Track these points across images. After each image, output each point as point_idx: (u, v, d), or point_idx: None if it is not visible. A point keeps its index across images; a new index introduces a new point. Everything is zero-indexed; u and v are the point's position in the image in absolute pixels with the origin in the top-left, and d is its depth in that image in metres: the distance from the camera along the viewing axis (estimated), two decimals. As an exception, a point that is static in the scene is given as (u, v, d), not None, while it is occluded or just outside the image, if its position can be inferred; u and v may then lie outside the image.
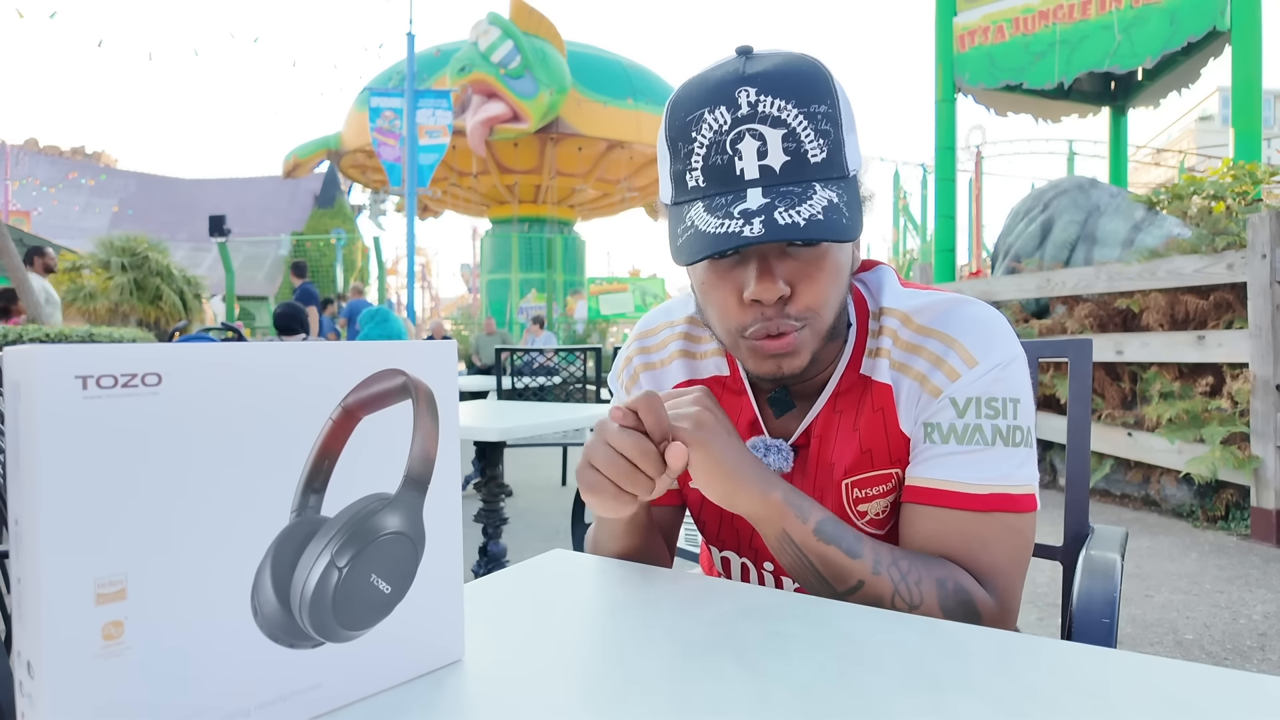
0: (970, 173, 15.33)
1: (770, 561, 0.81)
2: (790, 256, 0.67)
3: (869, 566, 0.65)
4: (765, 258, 0.66)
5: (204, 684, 0.38)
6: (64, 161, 25.67)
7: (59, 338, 5.44)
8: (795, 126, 0.64)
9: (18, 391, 0.34)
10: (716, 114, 0.65)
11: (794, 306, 0.68)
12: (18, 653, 0.36)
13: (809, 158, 0.64)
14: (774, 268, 0.66)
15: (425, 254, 28.84)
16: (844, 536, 0.66)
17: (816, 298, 0.68)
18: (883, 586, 0.65)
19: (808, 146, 0.64)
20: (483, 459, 2.36)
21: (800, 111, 0.64)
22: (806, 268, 0.67)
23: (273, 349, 0.41)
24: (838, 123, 0.66)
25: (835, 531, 0.66)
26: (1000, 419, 0.69)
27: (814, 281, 0.67)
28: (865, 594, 0.65)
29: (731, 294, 0.69)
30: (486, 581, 0.66)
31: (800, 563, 0.67)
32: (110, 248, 11.69)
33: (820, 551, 0.66)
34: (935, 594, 0.65)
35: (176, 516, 0.37)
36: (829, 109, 0.65)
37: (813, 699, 0.44)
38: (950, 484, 0.69)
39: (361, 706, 0.44)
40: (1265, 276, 3.29)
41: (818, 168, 0.64)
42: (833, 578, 0.66)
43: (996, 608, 0.67)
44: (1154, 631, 2.34)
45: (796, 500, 0.67)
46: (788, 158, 0.64)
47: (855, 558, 0.65)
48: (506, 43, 15.70)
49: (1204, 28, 5.78)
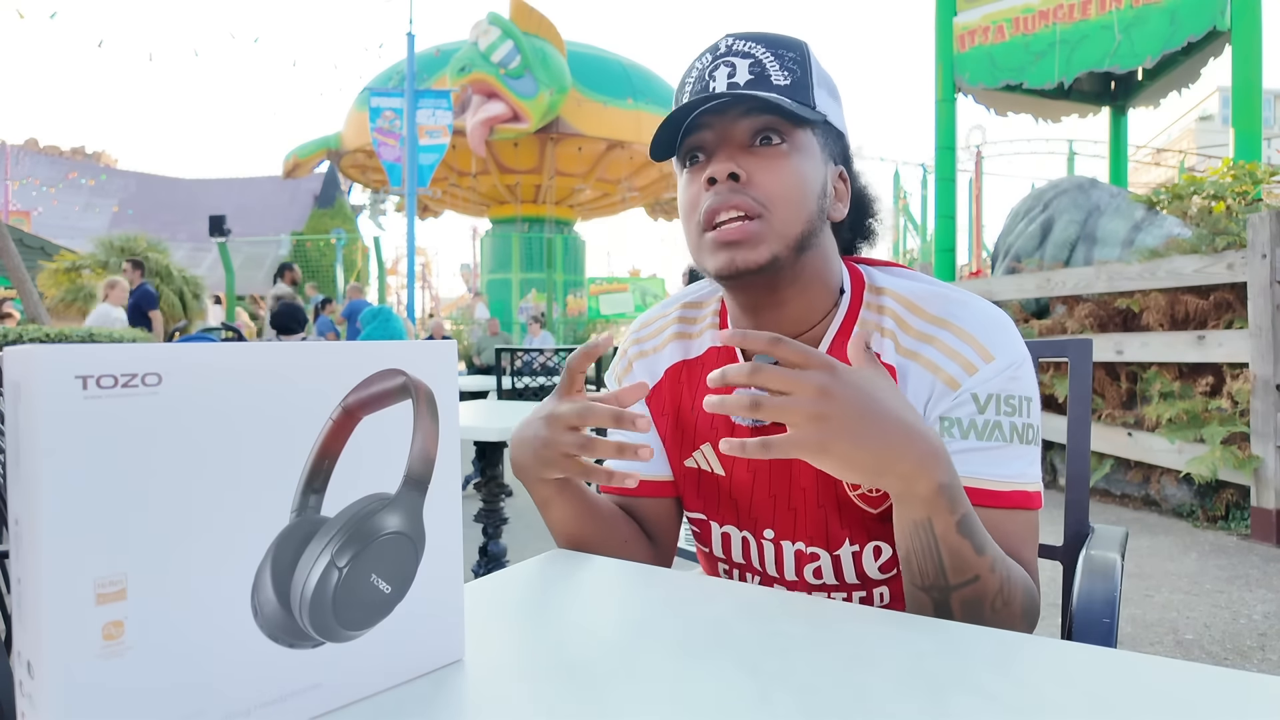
0: (970, 173, 15.33)
1: (771, 528, 0.82)
2: (752, 154, 0.73)
3: (989, 563, 0.63)
4: (728, 150, 0.73)
5: (204, 684, 0.38)
6: (64, 161, 25.67)
7: (59, 338, 5.44)
8: (762, 59, 0.74)
9: (18, 391, 0.34)
10: (702, 59, 0.76)
11: (751, 190, 0.72)
12: (18, 653, 0.36)
13: (771, 80, 0.73)
14: (735, 156, 0.73)
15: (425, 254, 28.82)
16: (977, 530, 0.63)
17: (772, 187, 0.72)
18: (993, 584, 0.63)
19: (771, 71, 0.73)
20: (483, 459, 2.36)
21: (769, 51, 0.74)
22: (764, 161, 0.73)
23: (273, 349, 0.41)
24: (807, 69, 0.75)
25: (973, 525, 0.62)
26: (1016, 416, 0.71)
27: (770, 172, 0.72)
28: (975, 590, 0.63)
29: (696, 188, 0.75)
30: (486, 581, 0.66)
31: (929, 550, 0.62)
32: (110, 248, 11.68)
33: (954, 544, 0.61)
34: (1022, 598, 0.65)
35: (177, 516, 0.37)
36: (797, 56, 0.75)
37: (813, 699, 0.44)
38: (975, 480, 0.70)
39: (361, 706, 0.44)
40: (1265, 276, 3.29)
41: (780, 88, 0.73)
42: (954, 570, 0.62)
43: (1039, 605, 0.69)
44: (1154, 631, 2.34)
45: (955, 487, 0.61)
46: (751, 77, 0.73)
47: (982, 554, 0.62)
48: (506, 43, 15.69)
49: (1204, 27, 5.78)
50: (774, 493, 0.81)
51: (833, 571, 0.80)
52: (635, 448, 0.67)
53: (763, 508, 0.82)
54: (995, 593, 0.63)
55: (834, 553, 0.79)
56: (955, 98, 7.41)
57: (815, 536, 0.80)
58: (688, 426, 0.85)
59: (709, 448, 0.84)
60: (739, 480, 0.82)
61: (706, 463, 0.84)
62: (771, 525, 0.82)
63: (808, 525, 0.80)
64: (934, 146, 7.55)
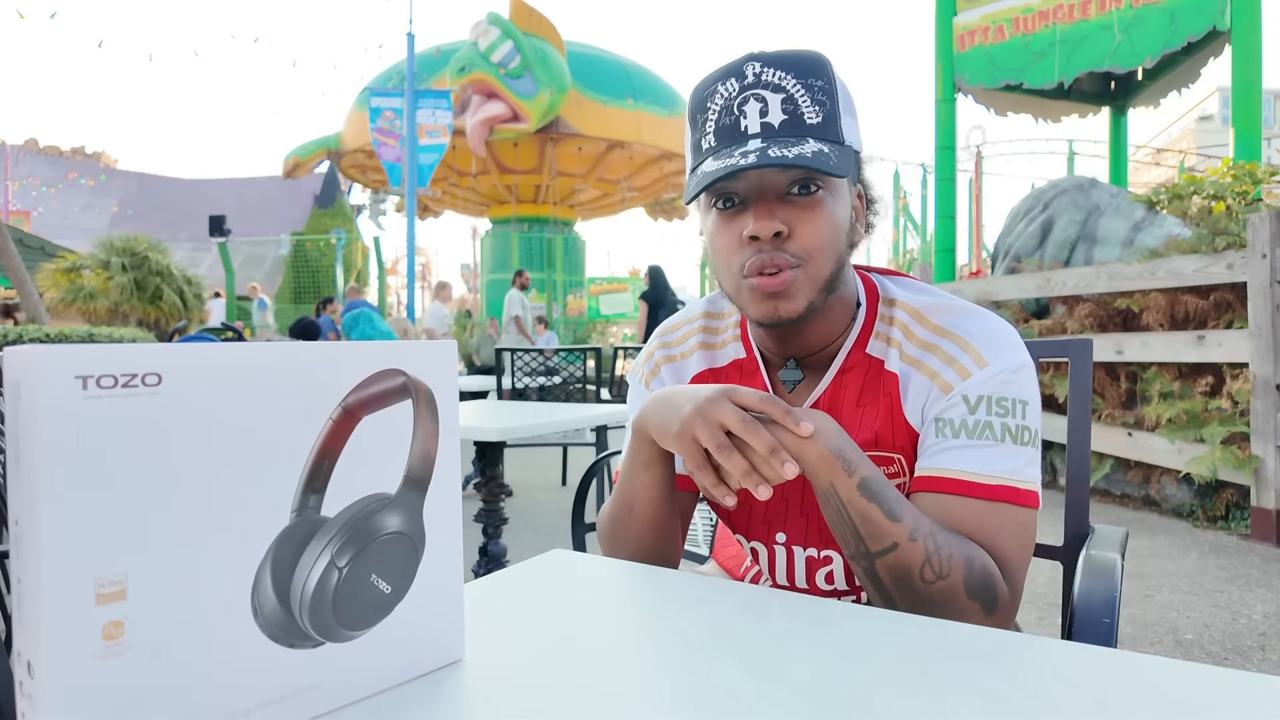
0: (970, 173, 15.32)
1: (783, 533, 0.85)
2: (788, 203, 0.74)
3: (906, 531, 0.66)
4: (765, 201, 0.73)
5: (204, 684, 0.38)
6: (64, 161, 25.66)
7: (59, 338, 5.44)
8: (794, 93, 0.73)
9: (18, 391, 0.34)
10: (727, 84, 0.75)
11: (791, 244, 0.73)
12: (18, 653, 0.36)
13: (805, 119, 0.73)
14: (774, 210, 0.73)
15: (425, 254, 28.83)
16: (886, 497, 0.67)
17: (812, 239, 0.73)
18: (915, 553, 0.66)
19: (804, 110, 0.73)
20: (483, 459, 2.36)
21: (799, 82, 0.73)
22: (802, 213, 0.73)
23: (273, 349, 0.41)
24: (834, 99, 0.74)
25: (879, 490, 0.67)
26: (1010, 418, 0.72)
27: (809, 225, 0.73)
28: (897, 558, 0.66)
29: (734, 237, 0.75)
30: (486, 581, 0.66)
31: (841, 516, 0.68)
32: (110, 248, 11.67)
33: (862, 508, 0.66)
34: (962, 570, 0.66)
35: (177, 516, 0.37)
36: (826, 85, 0.74)
37: (813, 699, 0.44)
38: (960, 473, 0.71)
39: (361, 706, 0.44)
40: (1265, 276, 3.29)
41: (813, 128, 0.73)
42: (869, 536, 0.67)
43: (1009, 598, 0.69)
44: (1154, 631, 2.34)
45: (846, 452, 0.67)
46: (785, 116, 0.73)
47: (894, 520, 0.66)
48: (506, 43, 15.68)
49: (1204, 27, 5.78)
50: (787, 498, 0.83)
51: (844, 575, 0.83)
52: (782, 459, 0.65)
53: (776, 513, 0.84)
54: (922, 563, 0.65)
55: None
56: (955, 98, 7.40)
57: (827, 540, 0.82)
58: None
59: None
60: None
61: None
62: (784, 529, 0.84)
63: (820, 530, 0.82)
64: (934, 146, 7.54)
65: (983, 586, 0.67)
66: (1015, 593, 0.70)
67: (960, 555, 0.67)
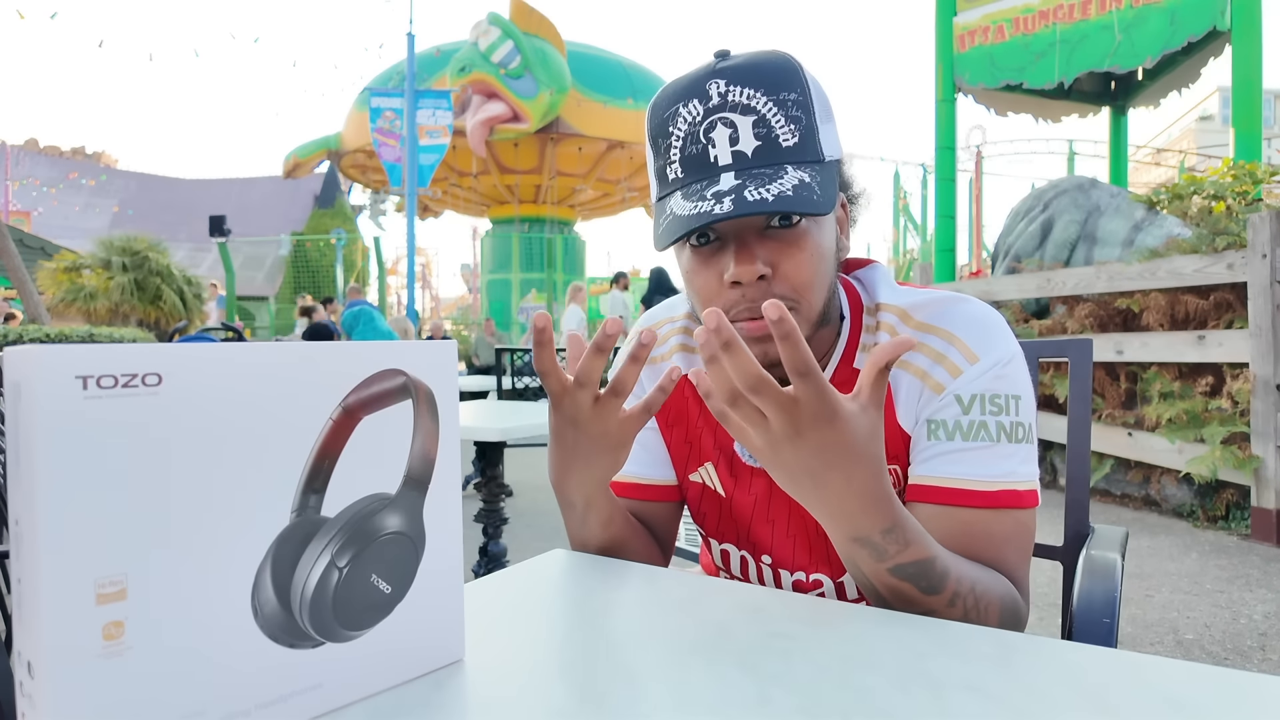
0: (970, 173, 15.32)
1: (769, 555, 0.81)
2: (769, 238, 0.68)
3: (946, 600, 0.61)
4: (744, 240, 0.67)
5: (204, 684, 0.38)
6: (64, 162, 25.67)
7: (59, 338, 5.44)
8: (765, 113, 0.66)
9: (18, 391, 0.34)
10: (690, 107, 0.67)
11: (778, 286, 0.68)
12: (18, 653, 0.36)
13: (780, 142, 0.66)
14: (753, 249, 0.67)
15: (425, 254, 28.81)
16: (928, 575, 0.60)
17: (800, 276, 0.68)
18: (953, 615, 0.62)
19: (779, 131, 0.66)
20: (483, 459, 2.36)
21: (770, 99, 0.66)
22: (786, 248, 0.68)
23: (273, 349, 0.41)
24: (809, 110, 0.67)
25: (918, 572, 0.60)
26: (1004, 415, 0.70)
27: (794, 261, 0.68)
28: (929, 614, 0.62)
29: (713, 279, 0.69)
30: (486, 581, 0.66)
31: (865, 584, 0.63)
32: (110, 248, 11.68)
33: (892, 585, 0.61)
34: (998, 614, 0.64)
35: (177, 516, 0.37)
36: (799, 97, 0.67)
37: (813, 699, 0.44)
38: (961, 481, 0.68)
39: (361, 706, 0.44)
40: (1265, 276, 3.29)
41: (789, 151, 0.66)
42: (899, 605, 0.62)
43: (1027, 610, 0.68)
44: (1154, 631, 2.34)
45: (870, 542, 0.59)
46: (759, 142, 0.66)
47: (932, 594, 0.61)
48: (506, 43, 15.69)
49: (1204, 27, 5.78)
50: (772, 519, 0.80)
51: (836, 597, 0.80)
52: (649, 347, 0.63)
53: (761, 533, 0.81)
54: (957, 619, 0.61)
55: (837, 580, 0.79)
56: (955, 98, 7.41)
57: (818, 563, 0.79)
58: (694, 441, 0.84)
59: (711, 467, 0.83)
60: (739, 503, 0.82)
61: (710, 480, 0.84)
62: (769, 552, 0.81)
63: (809, 552, 0.79)
64: (934, 146, 7.54)
65: (1013, 618, 0.65)
66: (1028, 600, 0.69)
67: (995, 598, 0.64)
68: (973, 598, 0.63)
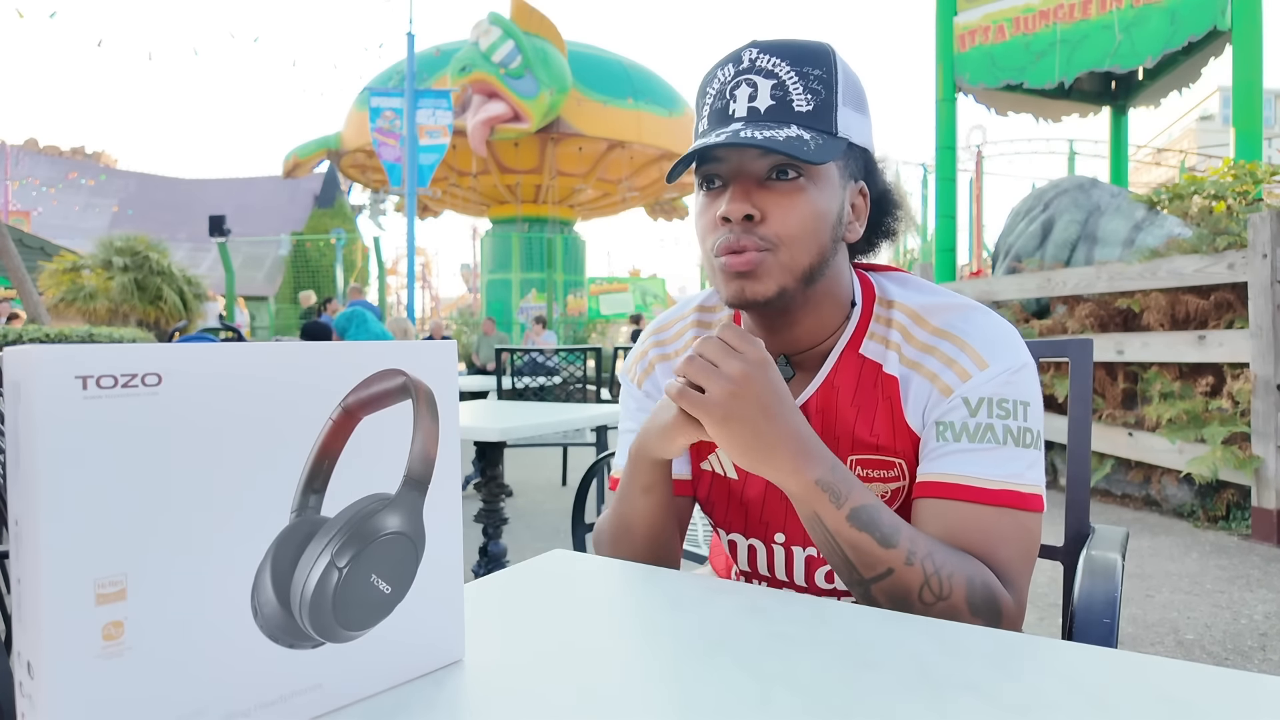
0: (971, 172, 15.32)
1: (782, 532, 0.84)
2: (766, 188, 0.73)
3: (903, 556, 0.65)
4: (743, 184, 0.73)
5: (204, 684, 0.38)
6: (64, 161, 25.66)
7: (59, 338, 5.45)
8: (785, 79, 0.72)
9: (18, 392, 0.34)
10: (724, 70, 0.75)
11: (762, 228, 0.72)
12: (18, 653, 0.36)
13: (793, 105, 0.72)
14: (749, 192, 0.72)
15: (425, 254, 28.85)
16: (880, 524, 0.65)
17: (784, 225, 0.72)
18: (913, 577, 0.64)
19: (794, 96, 0.72)
20: (483, 459, 2.36)
21: (794, 69, 0.72)
22: (779, 197, 0.73)
23: (273, 349, 0.41)
24: (832, 89, 0.73)
25: (871, 519, 0.65)
26: (1011, 420, 0.71)
27: (783, 209, 0.72)
28: (893, 582, 0.65)
29: (711, 217, 0.75)
30: (486, 581, 0.66)
31: (830, 545, 0.67)
32: (110, 248, 11.66)
33: (852, 538, 0.65)
34: (964, 590, 0.65)
35: (177, 516, 0.37)
36: (824, 74, 0.73)
37: (813, 699, 0.44)
38: (962, 478, 0.70)
39: (361, 706, 0.44)
40: (1266, 276, 3.29)
41: (800, 115, 0.72)
42: (861, 564, 0.65)
43: (1015, 607, 0.68)
44: (1155, 631, 2.34)
45: (834, 483, 0.66)
46: (773, 102, 0.72)
47: (889, 547, 0.65)
48: (507, 42, 15.68)
49: (1204, 27, 5.78)
50: (783, 496, 0.82)
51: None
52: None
53: (774, 512, 0.83)
54: (920, 585, 0.64)
55: None
56: (955, 98, 7.40)
57: None
58: None
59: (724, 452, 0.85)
60: (751, 485, 0.84)
61: (720, 467, 0.86)
62: (783, 529, 0.84)
63: None
64: (934, 146, 7.54)
65: (985, 602, 0.66)
66: (1020, 601, 0.69)
67: (961, 573, 0.65)
68: (931, 563, 0.65)
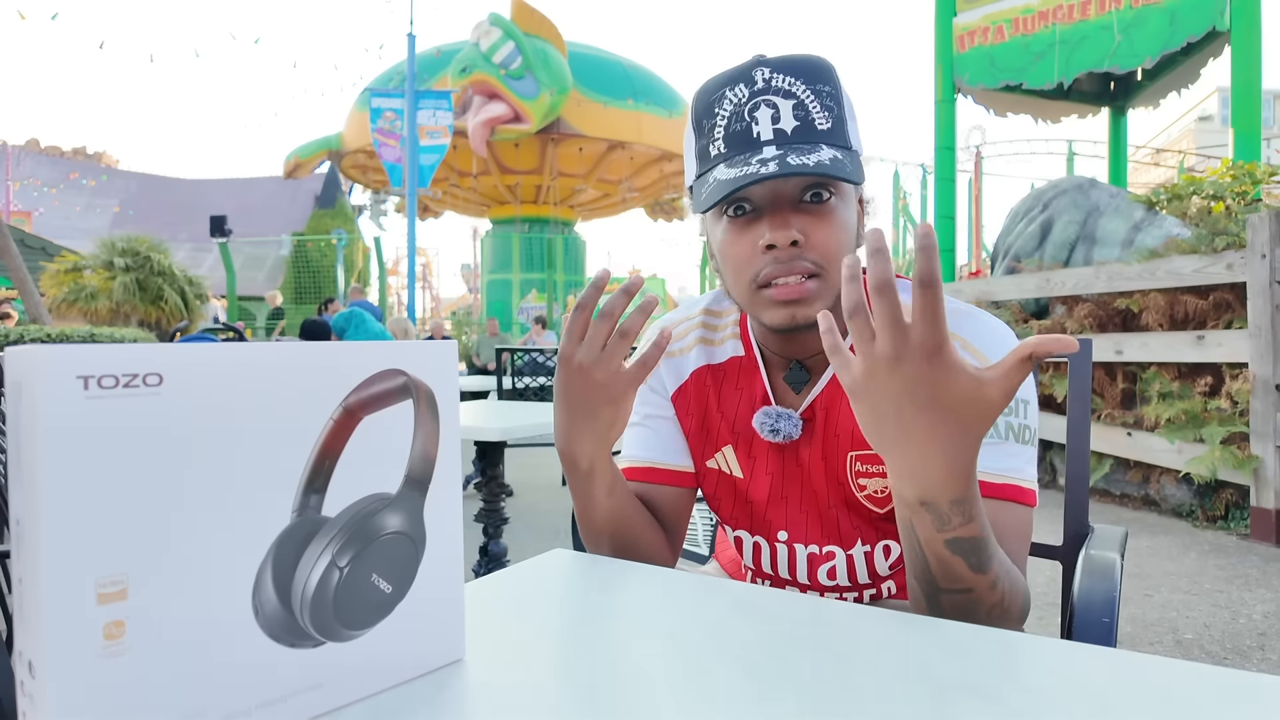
0: (970, 173, 15.33)
1: (785, 530, 0.85)
2: (802, 210, 0.74)
3: (989, 581, 0.62)
4: (779, 209, 0.73)
5: (205, 683, 0.38)
6: (65, 162, 25.66)
7: (60, 338, 5.45)
8: (804, 99, 0.73)
9: (19, 392, 0.34)
10: (736, 90, 0.74)
11: (809, 253, 0.73)
12: (19, 652, 0.36)
13: (816, 125, 0.73)
14: (789, 219, 0.73)
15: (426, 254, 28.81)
16: (978, 551, 0.60)
17: (827, 246, 0.73)
18: (988, 599, 0.62)
19: (815, 115, 0.73)
20: (483, 459, 2.36)
21: (809, 88, 0.73)
22: (817, 220, 0.73)
23: (273, 349, 0.41)
24: (841, 104, 0.75)
25: (971, 547, 0.60)
26: (1012, 417, 0.73)
27: (824, 232, 0.73)
28: (969, 599, 0.62)
29: (748, 246, 0.75)
30: (486, 581, 0.66)
31: (913, 550, 0.63)
32: (112, 248, 11.66)
33: (943, 556, 0.61)
34: (1019, 605, 0.65)
35: (178, 516, 0.37)
36: (832, 90, 0.74)
37: (813, 699, 0.44)
38: None
39: (362, 706, 0.44)
40: (1265, 276, 3.29)
41: (824, 133, 0.73)
42: (944, 576, 0.62)
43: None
44: (1154, 631, 2.34)
45: (943, 508, 0.59)
46: (798, 122, 0.73)
47: (979, 572, 0.61)
48: (508, 43, 15.69)
49: (1204, 28, 5.78)
50: (786, 494, 0.84)
51: (846, 571, 0.84)
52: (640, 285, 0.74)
53: (776, 510, 0.85)
54: (992, 605, 0.63)
55: (848, 551, 0.83)
56: (955, 98, 7.41)
57: (829, 536, 0.83)
58: (712, 428, 0.88)
59: (730, 450, 0.87)
60: (756, 483, 0.85)
61: (726, 465, 0.87)
62: (785, 528, 0.85)
63: (820, 527, 0.83)
64: (934, 147, 7.54)
65: (1023, 611, 0.66)
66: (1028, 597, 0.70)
67: (1020, 592, 0.65)
68: (1009, 582, 0.64)
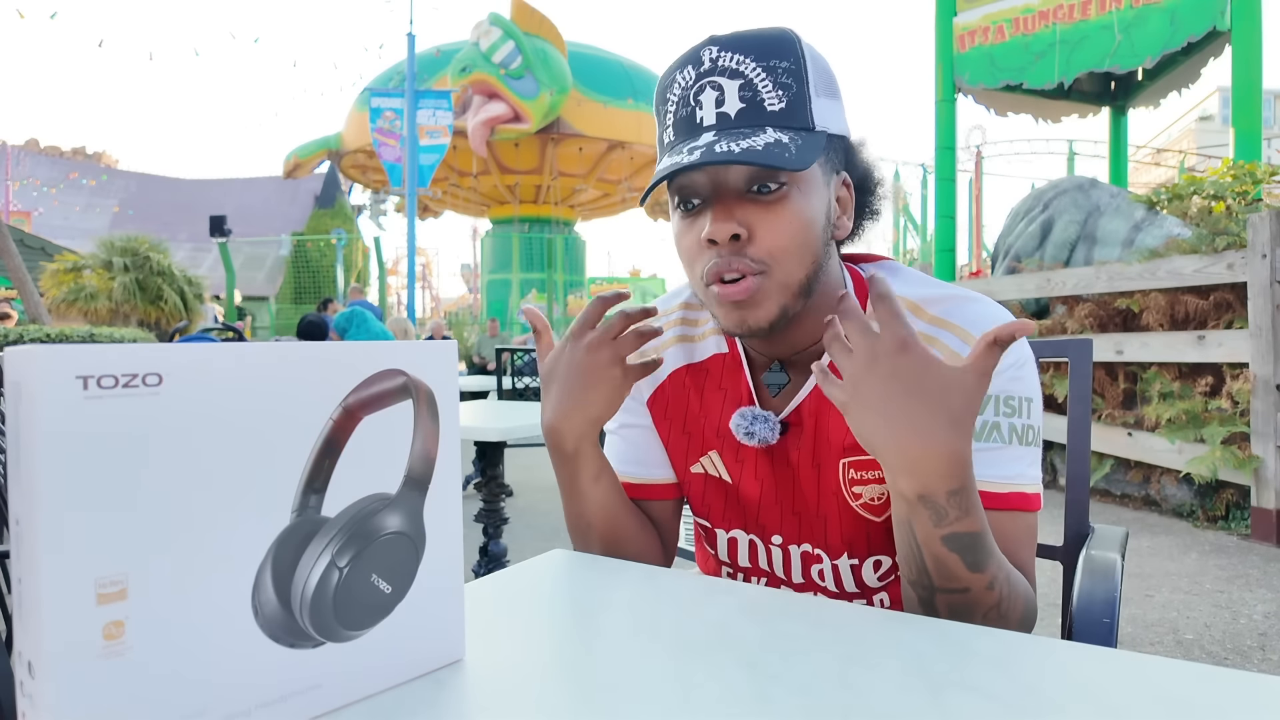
0: (970, 173, 15.33)
1: (779, 534, 0.82)
2: (749, 201, 0.68)
3: (986, 580, 0.61)
4: (724, 201, 0.68)
5: (205, 684, 0.38)
6: (65, 162, 25.67)
7: (59, 338, 5.45)
8: (753, 78, 0.67)
9: (18, 392, 0.34)
10: (684, 73, 0.70)
11: (752, 249, 0.68)
12: (18, 653, 0.36)
13: (765, 106, 0.67)
14: (731, 210, 0.68)
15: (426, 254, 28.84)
16: (975, 549, 0.60)
17: (775, 242, 0.68)
18: (986, 599, 0.62)
19: (764, 96, 0.67)
20: (483, 459, 2.36)
21: (760, 65, 0.67)
22: (764, 212, 0.68)
23: (273, 349, 0.41)
24: (802, 80, 0.68)
25: (969, 545, 0.60)
26: (1016, 418, 0.70)
27: (771, 225, 0.68)
28: (965, 599, 0.62)
29: (694, 240, 0.70)
30: (486, 581, 0.66)
31: (909, 548, 0.62)
32: (111, 248, 11.68)
33: (940, 554, 0.60)
34: (1020, 612, 0.64)
35: (177, 516, 0.37)
36: (792, 65, 0.68)
37: (813, 699, 0.44)
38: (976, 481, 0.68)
39: (362, 706, 0.44)
40: (1265, 276, 3.29)
41: (773, 115, 0.67)
42: (940, 576, 0.61)
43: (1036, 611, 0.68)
44: (1154, 631, 2.34)
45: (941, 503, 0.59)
46: (743, 105, 0.67)
47: (977, 571, 0.61)
48: (508, 43, 15.69)
49: (1204, 28, 5.78)
50: (779, 499, 0.81)
51: (833, 578, 0.81)
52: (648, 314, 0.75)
53: (769, 514, 0.82)
54: (990, 606, 0.62)
55: (834, 561, 0.80)
56: (955, 98, 7.40)
57: (817, 541, 0.80)
58: (695, 432, 0.84)
59: (716, 455, 0.83)
60: (746, 487, 0.82)
61: (714, 469, 0.84)
62: (779, 531, 0.82)
63: (811, 531, 0.80)
64: (934, 146, 7.54)
65: (1031, 614, 0.65)
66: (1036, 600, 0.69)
67: (1022, 596, 0.64)
68: (1007, 587, 0.63)
